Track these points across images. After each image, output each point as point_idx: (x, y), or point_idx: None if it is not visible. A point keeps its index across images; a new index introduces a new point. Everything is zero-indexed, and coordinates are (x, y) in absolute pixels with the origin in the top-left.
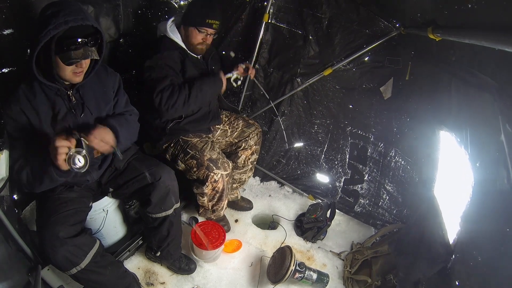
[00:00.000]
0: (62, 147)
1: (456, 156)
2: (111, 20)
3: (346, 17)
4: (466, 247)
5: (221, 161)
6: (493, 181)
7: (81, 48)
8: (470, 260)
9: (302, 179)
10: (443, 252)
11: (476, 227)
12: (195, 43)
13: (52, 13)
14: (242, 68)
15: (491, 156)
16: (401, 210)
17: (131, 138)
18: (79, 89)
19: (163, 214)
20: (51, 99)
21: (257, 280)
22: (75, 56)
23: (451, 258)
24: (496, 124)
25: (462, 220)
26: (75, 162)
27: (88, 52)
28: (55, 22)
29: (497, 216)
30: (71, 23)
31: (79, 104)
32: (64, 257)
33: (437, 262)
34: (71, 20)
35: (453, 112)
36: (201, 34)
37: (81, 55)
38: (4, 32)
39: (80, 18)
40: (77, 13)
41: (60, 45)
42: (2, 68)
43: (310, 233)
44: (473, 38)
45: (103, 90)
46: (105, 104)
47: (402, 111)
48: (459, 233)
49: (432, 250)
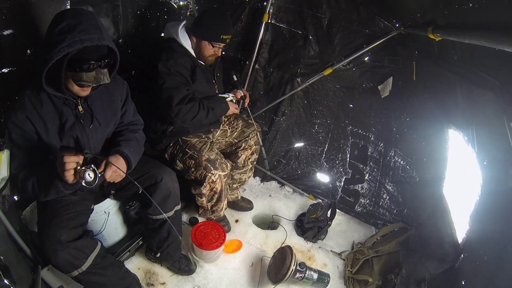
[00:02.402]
0: (70, 163)
1: (464, 154)
2: (110, 20)
3: (346, 17)
4: (473, 246)
5: (219, 162)
6: (501, 179)
7: (94, 70)
8: (477, 259)
9: (302, 179)
10: (451, 251)
11: (482, 226)
12: (206, 55)
13: (68, 27)
14: (239, 94)
15: (498, 155)
16: (401, 209)
17: (139, 156)
18: (87, 98)
19: (163, 216)
20: (58, 109)
21: (257, 280)
22: (87, 78)
23: (460, 257)
24: (501, 123)
25: (471, 219)
26: (85, 177)
27: (100, 75)
28: (70, 40)
29: (504, 214)
30: (87, 42)
31: (88, 115)
32: (66, 260)
33: (446, 261)
34: (87, 40)
35: (459, 111)
36: (214, 48)
37: (92, 78)
38: (4, 32)
39: (97, 37)
40: (94, 31)
41: (72, 64)
42: (2, 68)
43: (310, 233)
44: (473, 38)
45: (110, 99)
46: (113, 115)
47: (402, 111)
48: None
49: (441, 249)
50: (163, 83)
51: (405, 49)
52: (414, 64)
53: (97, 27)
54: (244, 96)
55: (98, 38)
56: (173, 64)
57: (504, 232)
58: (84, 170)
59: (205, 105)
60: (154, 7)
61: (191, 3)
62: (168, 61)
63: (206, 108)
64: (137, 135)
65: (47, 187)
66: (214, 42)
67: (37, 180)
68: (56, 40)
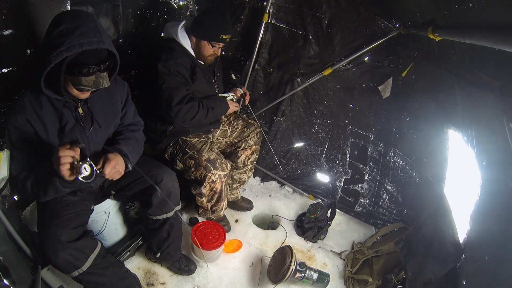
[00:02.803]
0: (65, 157)
1: (464, 154)
2: (110, 20)
3: (346, 17)
4: (473, 246)
5: (219, 162)
6: (500, 180)
7: (93, 74)
8: (478, 259)
9: (302, 179)
10: (453, 251)
11: (483, 226)
12: (206, 55)
13: (67, 30)
14: (239, 92)
15: (497, 155)
16: (401, 209)
17: (139, 155)
18: (87, 100)
19: (163, 216)
20: (58, 111)
21: (257, 280)
22: (86, 83)
23: (461, 257)
24: (500, 123)
25: (471, 219)
26: (81, 171)
27: (100, 79)
28: (69, 43)
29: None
30: (85, 46)
31: (88, 117)
32: (66, 260)
33: (448, 261)
34: (86, 43)
35: (458, 111)
36: (213, 47)
37: (92, 82)
38: (4, 32)
39: (96, 41)
40: (93, 34)
41: (71, 68)
42: (2, 68)
43: (310, 232)
44: (473, 38)
45: (111, 101)
46: (113, 116)
47: (402, 111)
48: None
49: (443, 249)
50: (163, 83)
51: (405, 49)
52: (412, 63)
53: (97, 30)
54: (244, 94)
55: (97, 42)
56: (173, 64)
57: (505, 232)
58: (81, 165)
59: (204, 105)
60: (154, 7)
61: (191, 3)
62: (168, 61)
63: (205, 108)
64: (137, 134)
65: (46, 186)
66: (213, 41)
67: (35, 179)
68: (55, 44)
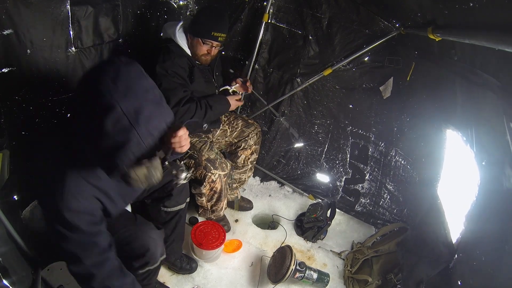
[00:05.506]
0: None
1: (462, 154)
2: (110, 20)
3: (346, 17)
4: (469, 246)
5: (219, 161)
6: (499, 180)
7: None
8: (474, 260)
9: (302, 179)
10: (445, 252)
11: (480, 227)
12: (199, 54)
13: (128, 118)
14: (241, 82)
15: (496, 155)
16: (401, 209)
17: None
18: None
19: (177, 208)
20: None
21: (257, 280)
22: (136, 177)
23: (454, 258)
24: (500, 123)
25: (466, 219)
26: (179, 176)
27: (152, 171)
28: (138, 137)
29: (502, 215)
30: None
31: None
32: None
33: (440, 262)
34: (149, 142)
35: (458, 111)
36: (206, 46)
37: (144, 177)
38: (4, 32)
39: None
40: (158, 121)
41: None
42: (2, 68)
43: (310, 232)
44: (473, 38)
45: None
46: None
47: (402, 111)
48: (463, 233)
49: (435, 250)
50: (160, 85)
51: (405, 49)
52: (413, 65)
53: (160, 103)
54: (245, 81)
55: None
56: (170, 65)
57: (502, 233)
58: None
59: (202, 105)
60: (154, 7)
61: (191, 3)
62: (165, 62)
63: (203, 108)
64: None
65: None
66: (204, 39)
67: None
68: (117, 142)
